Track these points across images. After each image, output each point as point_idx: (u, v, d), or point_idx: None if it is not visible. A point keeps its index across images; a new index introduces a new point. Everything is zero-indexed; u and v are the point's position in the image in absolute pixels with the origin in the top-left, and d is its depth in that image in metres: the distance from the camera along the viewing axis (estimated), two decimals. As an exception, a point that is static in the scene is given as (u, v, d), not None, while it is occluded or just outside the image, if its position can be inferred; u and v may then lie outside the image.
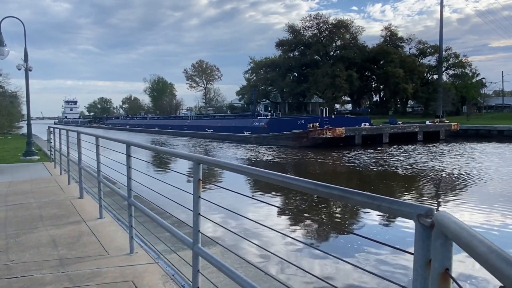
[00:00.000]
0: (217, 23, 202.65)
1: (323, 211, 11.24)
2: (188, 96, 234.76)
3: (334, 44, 72.60)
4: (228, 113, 77.27)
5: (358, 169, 19.26)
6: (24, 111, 33.80)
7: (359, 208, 10.47)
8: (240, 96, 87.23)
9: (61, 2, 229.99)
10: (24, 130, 31.72)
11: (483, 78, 72.96)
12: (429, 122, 38.24)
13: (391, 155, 24.49)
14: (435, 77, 70.04)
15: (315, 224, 9.66)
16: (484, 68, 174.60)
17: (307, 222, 9.84)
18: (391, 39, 71.04)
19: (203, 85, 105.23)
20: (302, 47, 72.15)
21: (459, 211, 10.56)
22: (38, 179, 10.40)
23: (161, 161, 22.75)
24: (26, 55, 15.69)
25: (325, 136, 29.74)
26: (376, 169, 18.81)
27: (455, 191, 13.91)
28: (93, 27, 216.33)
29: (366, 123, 35.78)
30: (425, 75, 71.23)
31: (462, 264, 6.21)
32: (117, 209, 6.59)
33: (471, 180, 15.48)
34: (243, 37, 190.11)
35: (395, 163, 20.54)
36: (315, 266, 6.63)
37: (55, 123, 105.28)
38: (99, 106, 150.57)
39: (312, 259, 7.00)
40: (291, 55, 74.25)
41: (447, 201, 12.35)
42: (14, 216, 6.44)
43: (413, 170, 17.97)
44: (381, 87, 73.64)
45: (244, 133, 38.24)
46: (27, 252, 4.66)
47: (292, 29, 73.26)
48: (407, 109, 75.60)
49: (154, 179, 4.81)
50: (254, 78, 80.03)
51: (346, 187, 1.62)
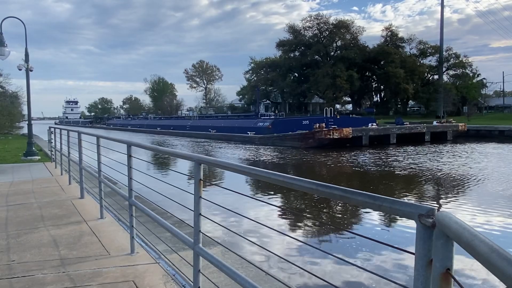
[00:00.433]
0: (217, 23, 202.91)
1: (323, 211, 11.23)
2: (189, 97, 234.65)
3: (334, 44, 72.63)
4: (229, 113, 77.21)
5: (374, 171, 18.14)
6: (25, 111, 33.91)
7: (360, 208, 10.46)
8: (241, 96, 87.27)
9: (62, 3, 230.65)
10: (25, 130, 31.78)
11: (483, 79, 73.06)
12: (436, 123, 37.59)
13: (405, 156, 23.26)
14: (435, 77, 70.04)
15: (316, 224, 9.66)
16: (485, 69, 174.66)
17: (308, 222, 9.84)
18: (392, 39, 71.02)
19: (203, 86, 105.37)
20: (302, 47, 72.17)
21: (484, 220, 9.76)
22: (39, 179, 10.40)
23: (162, 161, 22.76)
24: (27, 55, 15.70)
25: (332, 136, 29.12)
26: (399, 172, 17.64)
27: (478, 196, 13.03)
28: (94, 27, 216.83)
29: (374, 124, 35.23)
30: (426, 75, 71.22)
31: (463, 264, 6.21)
32: (118, 209, 6.59)
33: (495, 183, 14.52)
34: (244, 37, 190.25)
35: (412, 165, 19.36)
36: (316, 266, 6.63)
37: (56, 123, 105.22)
38: (99, 107, 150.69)
39: (313, 259, 7.00)
40: (292, 55, 74.28)
41: (470, 206, 11.48)
42: (15, 216, 6.45)
43: (436, 174, 16.78)
44: (381, 87, 73.63)
45: (248, 133, 37.65)
46: (28, 252, 4.67)
47: (292, 29, 73.31)
48: (407, 109, 75.56)
49: (155, 179, 4.81)
50: (255, 78, 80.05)
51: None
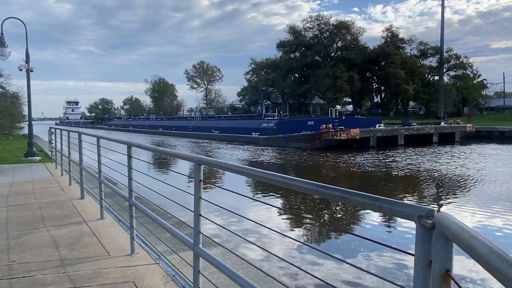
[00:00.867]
0: (218, 24, 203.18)
1: (323, 212, 11.23)
2: (189, 97, 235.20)
3: (335, 45, 72.63)
4: (229, 114, 77.16)
5: (395, 175, 17.13)
6: (26, 112, 33.93)
7: (360, 209, 10.45)
8: (241, 97, 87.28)
9: (63, 3, 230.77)
10: (25, 131, 31.78)
11: (484, 79, 73.03)
12: (444, 123, 37.02)
13: (418, 158, 22.52)
14: (436, 78, 70.00)
15: (316, 225, 9.66)
16: (485, 69, 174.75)
17: (308, 223, 9.83)
18: (392, 40, 71.01)
19: (204, 86, 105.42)
20: (303, 48, 72.17)
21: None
22: (39, 180, 10.40)
23: (162, 162, 22.76)
24: (27, 56, 15.72)
25: (339, 137, 28.45)
26: (419, 175, 16.73)
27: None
28: (95, 28, 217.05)
29: (381, 125, 34.75)
30: (426, 76, 71.19)
31: (463, 265, 6.21)
32: (118, 209, 6.60)
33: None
34: (244, 38, 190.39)
35: (429, 167, 18.64)
36: (315, 267, 6.63)
37: (56, 124, 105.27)
38: (100, 107, 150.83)
39: (312, 260, 6.99)
40: (292, 56, 74.26)
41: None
42: (15, 216, 6.45)
43: (458, 177, 16.05)
44: (382, 88, 73.61)
45: (252, 134, 37.06)
46: (28, 253, 4.67)
47: (293, 30, 73.31)
48: (408, 110, 75.55)
49: (155, 180, 4.82)
50: (255, 79, 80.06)
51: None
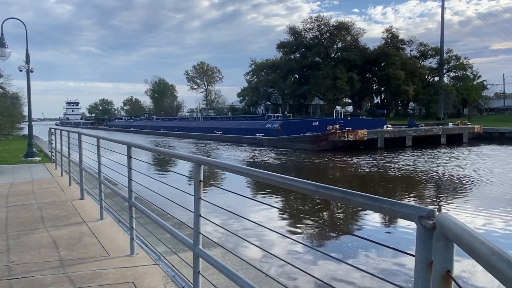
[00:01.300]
0: (218, 25, 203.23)
1: (324, 212, 11.22)
2: (189, 98, 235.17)
3: (335, 46, 72.62)
4: (230, 115, 77.10)
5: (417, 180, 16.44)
6: (26, 112, 33.94)
7: (360, 209, 10.45)
8: (241, 98, 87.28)
9: (63, 4, 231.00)
10: (25, 131, 31.80)
11: (484, 80, 73.02)
12: (452, 124, 36.54)
13: (434, 161, 21.82)
14: (436, 79, 70.00)
15: (316, 225, 9.65)
16: (485, 70, 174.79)
17: (308, 224, 9.83)
18: (392, 41, 71.02)
19: (204, 87, 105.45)
20: (303, 49, 72.18)
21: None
22: (39, 180, 10.40)
23: (162, 162, 22.76)
24: (27, 56, 15.73)
25: (346, 139, 27.92)
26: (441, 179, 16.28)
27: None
28: (95, 28, 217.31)
29: (389, 126, 34.36)
30: (426, 77, 71.18)
31: (464, 266, 6.20)
32: (117, 210, 6.59)
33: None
34: (245, 39, 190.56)
35: (451, 170, 18.13)
36: (316, 268, 6.62)
37: (56, 124, 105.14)
38: (100, 108, 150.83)
39: (313, 261, 6.99)
40: (292, 57, 74.26)
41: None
42: (15, 217, 6.44)
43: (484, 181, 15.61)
44: (382, 89, 73.59)
45: (256, 135, 36.62)
46: (28, 253, 4.66)
47: (293, 31, 73.33)
48: (408, 111, 75.57)
49: (155, 181, 4.81)
50: (255, 80, 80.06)
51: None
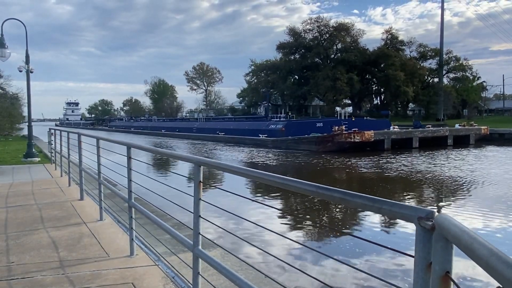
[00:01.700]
0: (218, 25, 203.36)
1: (323, 213, 11.22)
2: (189, 99, 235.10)
3: (335, 47, 72.67)
4: (230, 115, 77.08)
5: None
6: (25, 113, 33.87)
7: (360, 210, 10.45)
8: (241, 98, 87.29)
9: (63, 5, 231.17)
10: (25, 132, 31.78)
11: (483, 82, 73.13)
12: (459, 125, 36.05)
13: (446, 164, 21.09)
14: (436, 80, 70.04)
15: (316, 226, 9.65)
16: (485, 72, 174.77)
17: (308, 224, 9.83)
18: (392, 42, 71.06)
19: (204, 88, 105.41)
20: (303, 50, 72.22)
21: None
22: (39, 181, 10.40)
23: (161, 163, 22.75)
24: (27, 57, 15.74)
25: (352, 140, 27.38)
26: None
27: None
28: (95, 29, 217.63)
29: (396, 126, 33.91)
30: (426, 78, 71.25)
31: (463, 267, 6.20)
32: (117, 211, 6.59)
33: None
34: (245, 39, 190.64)
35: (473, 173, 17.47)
36: (315, 269, 6.62)
37: (56, 125, 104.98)
38: (99, 108, 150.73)
39: (312, 262, 6.99)
40: (292, 57, 74.28)
41: None
42: (14, 217, 6.44)
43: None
44: (381, 90, 73.65)
45: (259, 136, 36.03)
46: (28, 254, 4.66)
47: (293, 32, 73.38)
48: (407, 112, 75.61)
49: (154, 181, 4.82)
50: (255, 80, 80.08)
51: None
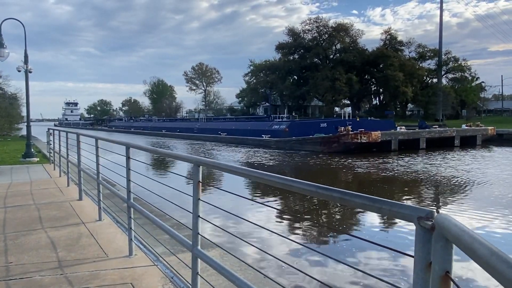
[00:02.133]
0: (217, 26, 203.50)
1: (323, 213, 11.23)
2: (188, 99, 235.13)
3: (334, 48, 72.69)
4: (229, 115, 77.09)
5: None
6: (24, 113, 33.78)
7: (359, 210, 10.45)
8: (240, 98, 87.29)
9: (62, 5, 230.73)
10: (24, 132, 31.72)
11: (482, 82, 73.29)
12: (465, 126, 35.80)
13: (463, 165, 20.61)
14: (434, 80, 70.15)
15: (315, 226, 9.65)
16: (484, 72, 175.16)
17: (307, 225, 9.83)
18: (391, 42, 71.10)
19: (203, 88, 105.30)
20: (302, 50, 72.25)
21: None
22: (37, 181, 10.38)
23: (160, 163, 22.74)
24: (26, 57, 15.72)
25: (359, 140, 26.91)
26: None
27: None
28: (94, 29, 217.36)
29: (402, 127, 33.66)
30: (425, 78, 71.34)
31: (463, 267, 6.20)
32: (116, 211, 6.58)
33: None
34: (244, 40, 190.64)
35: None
36: (314, 269, 6.62)
37: (55, 125, 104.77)
38: (98, 108, 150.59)
39: (311, 262, 6.98)
40: (291, 58, 74.30)
41: None
42: (13, 217, 6.43)
43: None
44: (380, 90, 73.71)
45: (262, 136, 35.68)
46: (26, 254, 4.65)
47: (292, 32, 73.41)
48: (406, 112, 75.70)
49: (153, 181, 4.81)
50: (254, 81, 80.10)
51: None
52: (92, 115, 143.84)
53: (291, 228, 9.71)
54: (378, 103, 77.15)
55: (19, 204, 7.46)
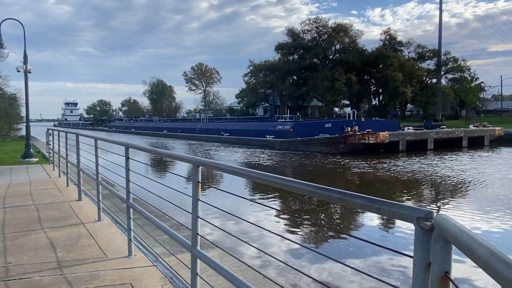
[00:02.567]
0: (217, 26, 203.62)
1: (322, 214, 11.22)
2: (188, 99, 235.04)
3: (333, 48, 72.71)
4: (228, 116, 77.09)
5: None
6: (23, 113, 33.77)
7: (359, 211, 10.45)
8: (240, 99, 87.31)
9: (62, 5, 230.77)
10: (23, 132, 31.69)
11: (481, 82, 73.32)
12: (473, 126, 35.48)
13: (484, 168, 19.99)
14: (434, 81, 70.21)
15: (314, 227, 9.65)
16: (483, 72, 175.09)
17: (306, 225, 9.82)
18: (390, 43, 71.13)
19: (202, 88, 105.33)
20: (301, 51, 72.27)
21: None
22: (37, 181, 10.37)
23: (160, 163, 22.73)
24: (25, 57, 15.71)
25: (366, 141, 26.43)
26: None
27: None
28: (94, 29, 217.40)
29: (410, 127, 33.29)
30: (424, 79, 71.38)
31: (462, 267, 6.20)
32: (115, 211, 6.57)
33: None
34: (243, 40, 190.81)
35: None
36: (313, 269, 6.62)
37: (55, 125, 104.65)
38: (98, 109, 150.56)
39: (311, 262, 6.98)
40: (291, 58, 74.31)
41: None
42: (12, 218, 6.42)
43: None
44: (380, 90, 73.72)
45: (266, 137, 35.36)
46: (25, 255, 4.64)
47: (291, 32, 73.43)
48: (406, 112, 75.74)
49: (153, 182, 4.81)
50: (254, 81, 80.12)
51: None
52: (91, 115, 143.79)
53: (291, 228, 9.71)
54: (378, 104, 77.19)
55: (18, 205, 7.45)
